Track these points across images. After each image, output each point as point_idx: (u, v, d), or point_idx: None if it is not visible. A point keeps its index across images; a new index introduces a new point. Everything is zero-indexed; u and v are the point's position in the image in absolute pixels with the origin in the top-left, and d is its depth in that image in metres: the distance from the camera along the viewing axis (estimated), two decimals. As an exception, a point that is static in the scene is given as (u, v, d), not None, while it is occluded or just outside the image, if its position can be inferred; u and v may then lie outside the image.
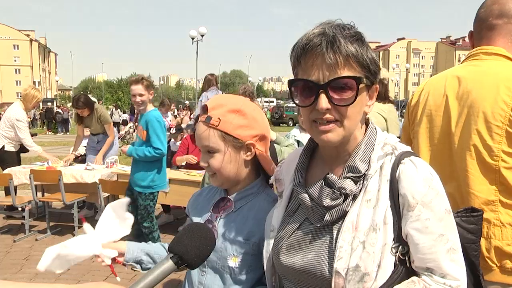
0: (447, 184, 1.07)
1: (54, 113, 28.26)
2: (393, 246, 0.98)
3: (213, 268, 1.31)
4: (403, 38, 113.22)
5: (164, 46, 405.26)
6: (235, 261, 1.27)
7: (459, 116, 1.69)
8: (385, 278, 0.97)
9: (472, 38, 1.85)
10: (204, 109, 1.30)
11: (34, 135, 8.55)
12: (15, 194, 5.48)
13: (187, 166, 5.63)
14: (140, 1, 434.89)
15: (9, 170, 5.76)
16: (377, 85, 1.06)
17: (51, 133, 26.88)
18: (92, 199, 5.74)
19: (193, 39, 24.09)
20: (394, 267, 0.98)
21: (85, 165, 6.18)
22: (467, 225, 1.17)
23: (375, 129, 1.10)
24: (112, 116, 17.00)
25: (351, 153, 1.06)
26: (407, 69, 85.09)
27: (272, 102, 59.76)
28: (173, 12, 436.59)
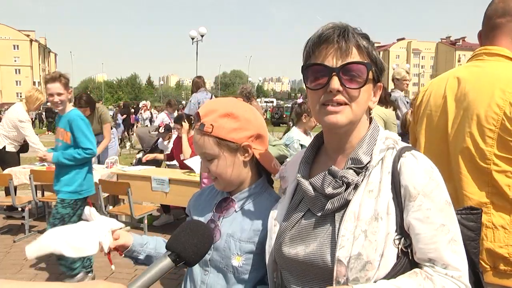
0: (446, 184, 1.08)
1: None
2: (396, 238, 1.00)
3: (216, 268, 1.31)
4: (403, 38, 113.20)
5: (164, 46, 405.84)
6: (238, 260, 1.28)
7: (455, 118, 1.68)
8: (388, 268, 0.98)
9: (481, 38, 1.82)
10: (197, 116, 1.30)
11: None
12: (15, 194, 5.48)
13: (182, 166, 5.66)
14: (140, 1, 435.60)
15: (9, 170, 5.76)
16: (381, 84, 1.11)
17: (51, 133, 26.87)
18: (92, 199, 5.73)
19: (193, 39, 24.09)
20: (397, 259, 1.00)
21: None
22: (467, 222, 1.18)
23: (378, 127, 1.14)
24: (117, 116, 16.99)
25: (354, 147, 1.10)
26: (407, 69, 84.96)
27: (272, 102, 59.65)
28: (173, 12, 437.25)
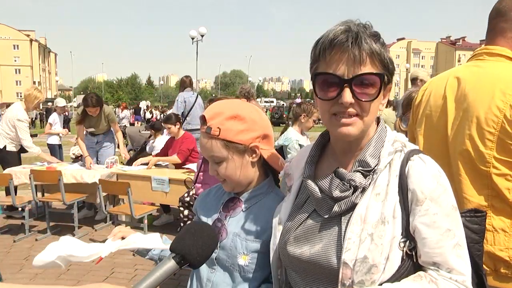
0: None
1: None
2: (401, 241, 1.00)
3: (223, 266, 1.32)
4: (403, 38, 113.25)
5: (164, 46, 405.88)
6: (245, 259, 1.28)
7: (455, 119, 1.66)
8: (392, 270, 0.98)
9: None
10: (203, 120, 1.30)
11: (34, 135, 8.54)
12: (15, 194, 5.48)
13: (178, 166, 5.68)
14: (140, 1, 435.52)
15: (9, 170, 5.76)
16: (391, 85, 1.09)
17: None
18: (92, 199, 5.73)
19: (193, 39, 24.08)
20: (401, 262, 1.00)
21: (80, 163, 6.19)
22: (471, 225, 1.17)
23: (385, 127, 1.13)
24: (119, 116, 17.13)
25: (362, 149, 1.08)
26: (407, 69, 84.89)
27: (272, 102, 59.67)
28: (173, 12, 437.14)
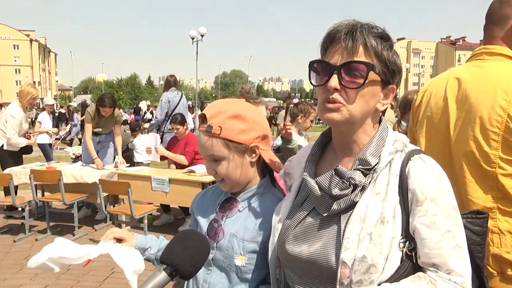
0: None
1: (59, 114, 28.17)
2: (401, 241, 0.99)
3: (219, 267, 1.31)
4: (403, 38, 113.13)
5: (164, 46, 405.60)
6: (242, 260, 1.27)
7: (457, 120, 1.65)
8: (392, 271, 0.98)
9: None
10: (202, 118, 1.29)
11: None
12: (15, 194, 5.48)
13: (181, 166, 5.67)
14: (140, 1, 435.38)
15: (9, 170, 5.76)
16: (394, 86, 1.08)
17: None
18: (92, 199, 5.73)
19: (193, 39, 24.04)
20: (401, 263, 0.99)
21: (80, 163, 6.20)
22: (473, 226, 1.17)
23: (387, 127, 1.13)
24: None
25: (363, 148, 1.08)
26: (407, 69, 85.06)
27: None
28: (173, 12, 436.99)
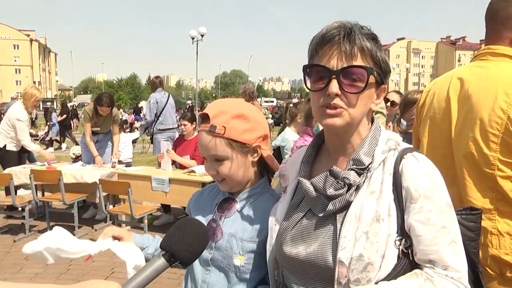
0: (450, 188, 1.07)
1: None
2: (397, 239, 1.00)
3: (218, 267, 1.31)
4: (403, 38, 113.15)
5: (164, 46, 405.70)
6: (240, 260, 1.28)
7: (458, 121, 1.65)
8: (389, 269, 0.99)
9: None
10: (204, 117, 1.28)
11: (35, 135, 8.56)
12: (16, 194, 5.48)
13: (181, 165, 5.67)
14: (140, 1, 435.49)
15: (9, 170, 5.76)
16: (385, 86, 1.10)
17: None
18: (92, 199, 5.73)
19: (193, 39, 24.03)
20: (398, 260, 1.00)
21: (80, 163, 6.19)
22: (467, 222, 1.18)
23: (380, 127, 1.14)
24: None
25: (356, 148, 1.09)
26: (407, 69, 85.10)
27: (272, 102, 59.68)
28: (173, 12, 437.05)
